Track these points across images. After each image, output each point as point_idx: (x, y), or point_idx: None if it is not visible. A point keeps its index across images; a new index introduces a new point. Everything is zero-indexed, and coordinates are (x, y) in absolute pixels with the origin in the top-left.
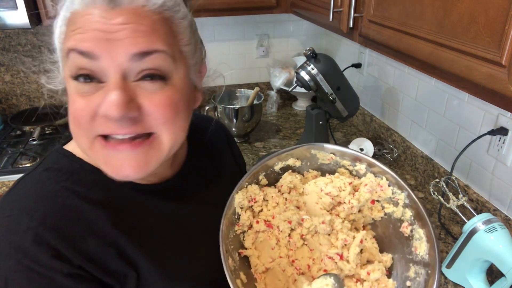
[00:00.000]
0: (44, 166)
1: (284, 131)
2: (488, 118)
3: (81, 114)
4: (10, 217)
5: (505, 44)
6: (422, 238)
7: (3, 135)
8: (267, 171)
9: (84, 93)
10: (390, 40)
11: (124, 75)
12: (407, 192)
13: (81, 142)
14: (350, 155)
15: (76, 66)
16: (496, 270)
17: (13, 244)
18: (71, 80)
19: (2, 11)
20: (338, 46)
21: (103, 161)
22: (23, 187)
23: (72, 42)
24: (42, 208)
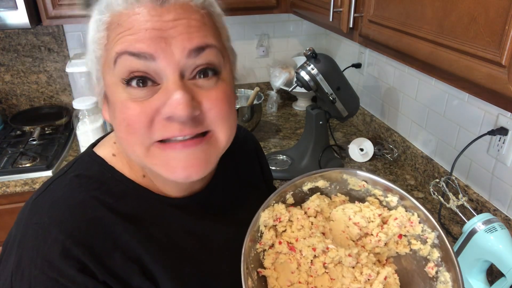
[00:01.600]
0: (75, 171)
1: (284, 131)
2: (488, 118)
3: (138, 121)
4: (38, 224)
5: (505, 44)
6: (448, 282)
7: (3, 135)
8: (295, 190)
9: (139, 98)
10: (390, 40)
11: (182, 74)
12: (438, 232)
13: (135, 150)
14: (382, 185)
15: (129, 70)
16: (496, 270)
17: (40, 254)
18: (120, 85)
19: (2, 11)
20: (338, 46)
21: (162, 164)
22: (53, 193)
23: (122, 45)
24: (71, 220)
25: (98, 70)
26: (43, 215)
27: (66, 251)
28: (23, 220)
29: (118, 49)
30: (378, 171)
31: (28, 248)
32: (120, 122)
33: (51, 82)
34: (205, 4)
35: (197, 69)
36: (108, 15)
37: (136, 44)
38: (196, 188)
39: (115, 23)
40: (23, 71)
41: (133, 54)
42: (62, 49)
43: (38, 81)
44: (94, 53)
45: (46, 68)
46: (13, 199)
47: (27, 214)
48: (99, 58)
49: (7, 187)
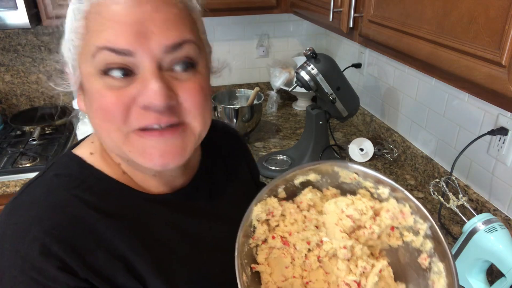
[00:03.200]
0: (53, 171)
1: (284, 131)
2: (488, 118)
3: (114, 109)
4: (17, 224)
5: (505, 44)
6: (441, 272)
7: (3, 135)
8: (287, 184)
9: (116, 87)
10: (390, 40)
11: (159, 66)
12: (430, 223)
13: (112, 138)
14: (373, 177)
15: (108, 63)
16: (496, 270)
17: (19, 254)
18: (97, 76)
19: (2, 11)
20: (338, 46)
21: (140, 152)
22: (31, 193)
23: (102, 40)
24: (51, 218)
25: (74, 59)
26: (22, 215)
27: (46, 249)
28: (1, 222)
29: (99, 43)
30: (378, 171)
31: (7, 249)
32: (97, 109)
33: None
34: None
35: (174, 62)
36: (87, 3)
37: (116, 40)
38: (179, 184)
39: (93, 12)
40: (23, 71)
41: (113, 50)
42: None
43: (38, 81)
44: (71, 42)
45: (46, 68)
46: None
47: (5, 215)
48: (76, 47)
49: (7, 187)
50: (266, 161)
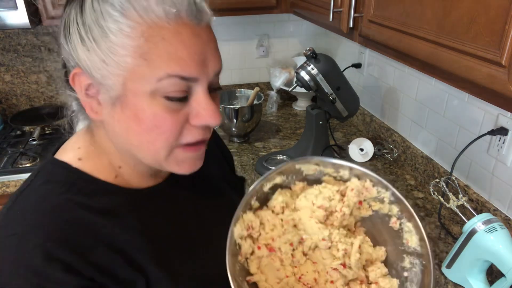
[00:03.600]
0: (41, 179)
1: (284, 131)
2: (488, 118)
3: (172, 129)
4: (15, 235)
5: (505, 44)
6: (411, 231)
7: (3, 135)
8: (257, 194)
9: (175, 109)
10: (390, 40)
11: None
12: (391, 190)
13: (159, 152)
14: (331, 164)
15: (175, 89)
16: (496, 270)
17: (22, 263)
18: (156, 97)
19: (2, 11)
20: (338, 46)
21: (179, 163)
22: (23, 202)
23: (173, 68)
24: (48, 223)
25: (118, 74)
26: (19, 224)
27: (48, 254)
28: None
29: (170, 71)
30: (378, 171)
31: (8, 261)
32: (151, 128)
33: (51, 82)
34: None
35: (217, 85)
36: (142, 22)
37: (187, 69)
38: (163, 175)
39: (157, 36)
40: (23, 71)
41: (183, 78)
42: None
43: (38, 81)
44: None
45: (46, 68)
46: None
47: (6, 215)
48: (126, 64)
49: (7, 187)
50: (266, 161)
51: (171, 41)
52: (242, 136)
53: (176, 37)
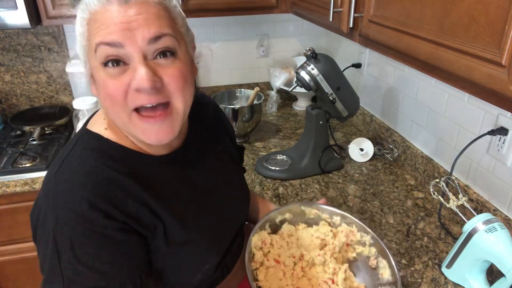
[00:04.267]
0: (80, 146)
1: (284, 131)
2: (488, 118)
3: (116, 93)
4: (66, 190)
5: (505, 44)
6: (385, 266)
7: (3, 135)
8: (271, 222)
9: (115, 75)
10: (390, 40)
11: (144, 56)
12: (371, 234)
13: (120, 117)
14: (328, 211)
15: (105, 55)
16: (496, 270)
17: (72, 211)
18: (101, 67)
19: (2, 11)
20: (338, 46)
21: (141, 131)
22: (69, 165)
23: (99, 37)
24: (89, 181)
25: (84, 56)
26: (67, 183)
27: (92, 205)
28: (50, 190)
29: (97, 40)
30: (378, 171)
31: (62, 209)
32: (105, 96)
33: (51, 82)
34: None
35: (157, 52)
36: (87, 13)
37: (109, 36)
38: (175, 145)
39: (92, 19)
40: (23, 71)
41: (107, 43)
42: (62, 49)
43: (38, 81)
44: (80, 43)
45: (46, 68)
46: (13, 199)
47: (53, 185)
48: (84, 47)
49: (7, 187)
50: (266, 161)
51: (99, 19)
52: (242, 136)
53: (103, 14)
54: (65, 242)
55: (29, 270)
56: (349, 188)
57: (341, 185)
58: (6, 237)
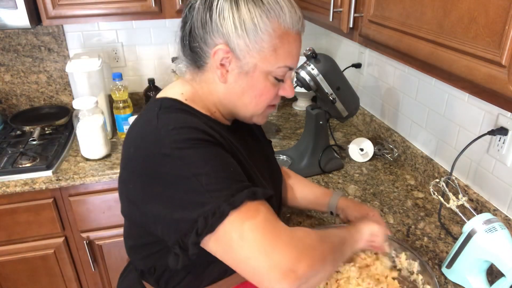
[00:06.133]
0: (166, 107)
1: (284, 131)
2: (488, 118)
3: (270, 95)
4: (175, 128)
5: (505, 44)
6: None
7: (3, 135)
8: None
9: (276, 84)
10: (390, 40)
11: None
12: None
13: (257, 109)
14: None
15: (283, 74)
16: (496, 270)
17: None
18: (269, 76)
19: (2, 11)
20: (338, 46)
21: (264, 116)
22: (167, 115)
23: (289, 62)
24: (193, 121)
25: (255, 57)
26: (175, 123)
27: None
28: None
29: (287, 63)
30: (378, 171)
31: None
32: (259, 93)
33: (51, 82)
34: None
35: None
36: (281, 25)
37: (294, 63)
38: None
39: (285, 39)
40: (23, 71)
41: (290, 68)
42: (62, 49)
43: (38, 81)
44: (257, 43)
45: (46, 68)
46: (13, 199)
47: (159, 125)
48: (260, 49)
49: (7, 187)
50: None
51: (291, 44)
52: None
53: (294, 42)
54: (196, 161)
55: (29, 270)
56: (349, 188)
57: (341, 185)
58: (5, 237)
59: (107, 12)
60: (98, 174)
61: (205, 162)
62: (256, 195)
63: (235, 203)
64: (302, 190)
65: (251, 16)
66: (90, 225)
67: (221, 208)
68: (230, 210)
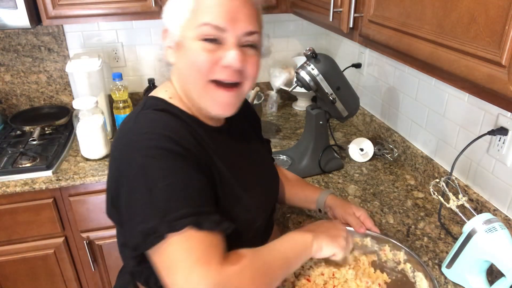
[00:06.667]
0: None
1: (284, 131)
2: (488, 118)
3: (205, 64)
4: (148, 133)
5: (505, 44)
6: (422, 278)
7: (3, 135)
8: None
9: (209, 50)
10: (390, 40)
11: (239, 42)
12: (404, 250)
13: (196, 84)
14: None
15: (207, 33)
16: (496, 270)
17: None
18: (197, 41)
19: (2, 11)
20: (338, 46)
21: (211, 99)
22: (145, 118)
23: (207, 18)
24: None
25: (179, 24)
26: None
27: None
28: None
29: (205, 20)
30: (378, 171)
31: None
32: (191, 63)
33: (51, 82)
34: (258, 4)
35: (247, 43)
36: None
37: (216, 19)
38: (220, 124)
39: None
40: (23, 71)
41: (213, 26)
42: (62, 49)
43: (38, 81)
44: (180, 11)
45: (46, 68)
46: (13, 199)
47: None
48: (184, 17)
49: (7, 187)
50: None
51: (209, 1)
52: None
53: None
54: (157, 173)
55: (29, 270)
56: (349, 188)
57: (341, 185)
58: (6, 237)
59: (107, 12)
60: (98, 174)
61: (164, 177)
62: (201, 225)
63: (175, 227)
64: (292, 188)
65: None
66: (90, 225)
67: (160, 229)
68: (168, 232)
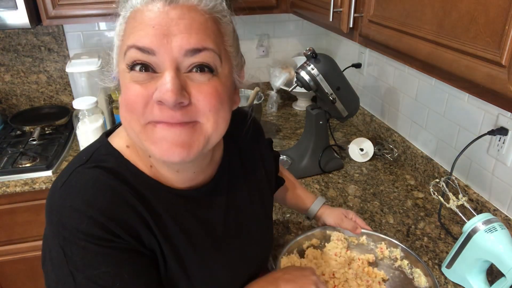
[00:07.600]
0: (94, 162)
1: (284, 131)
2: (488, 118)
3: (136, 100)
4: (72, 207)
5: (505, 44)
6: (420, 274)
7: (3, 135)
8: (298, 248)
9: (140, 81)
10: (390, 40)
11: (177, 67)
12: (400, 247)
13: (133, 126)
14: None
15: (134, 59)
16: (496, 270)
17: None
18: (126, 71)
19: (2, 11)
20: (338, 46)
21: (152, 141)
22: (79, 179)
23: (132, 39)
24: (99, 201)
25: (116, 59)
26: (75, 199)
27: (103, 226)
28: (55, 204)
29: (129, 42)
30: (378, 171)
31: (69, 228)
32: (122, 101)
33: (51, 82)
34: (213, 10)
35: (193, 65)
36: (129, 11)
37: (142, 39)
38: (201, 179)
39: (131, 17)
40: (23, 71)
41: (138, 48)
42: (62, 49)
43: (38, 81)
44: (115, 44)
45: (46, 68)
46: (13, 199)
47: (58, 199)
48: (117, 47)
49: (7, 187)
50: None
51: (138, 18)
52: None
53: (142, 13)
54: (77, 262)
55: (29, 270)
56: (349, 188)
57: (341, 185)
58: (5, 237)
59: (107, 12)
60: None
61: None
62: None
63: None
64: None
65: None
66: None
67: None
68: None
